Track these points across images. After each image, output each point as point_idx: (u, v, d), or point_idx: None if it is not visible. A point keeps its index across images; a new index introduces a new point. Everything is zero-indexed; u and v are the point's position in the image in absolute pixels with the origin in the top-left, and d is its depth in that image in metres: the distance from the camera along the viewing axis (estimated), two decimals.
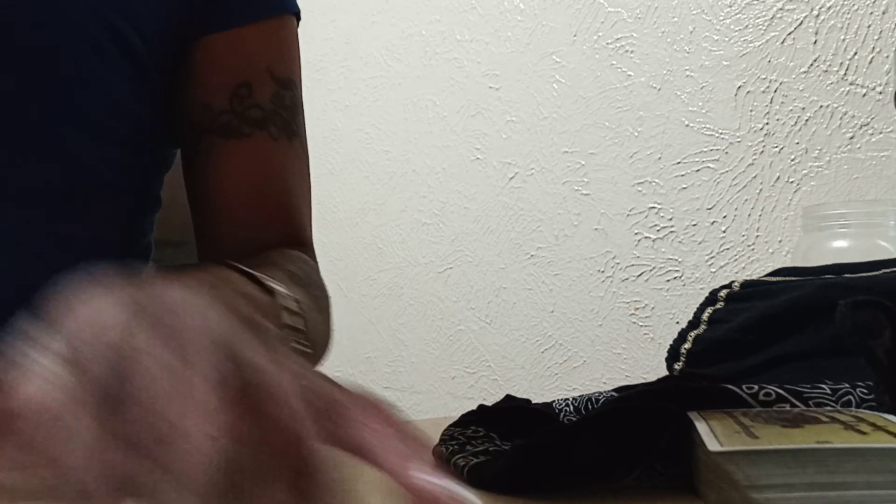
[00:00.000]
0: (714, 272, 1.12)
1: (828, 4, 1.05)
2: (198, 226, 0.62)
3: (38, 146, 0.52)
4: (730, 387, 0.43)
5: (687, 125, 1.15)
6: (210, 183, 0.60)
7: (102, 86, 0.53)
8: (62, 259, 0.49)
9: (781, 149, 1.08)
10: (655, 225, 1.17)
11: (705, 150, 1.13)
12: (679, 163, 1.15)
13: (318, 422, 0.22)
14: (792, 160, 1.07)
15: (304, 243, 0.62)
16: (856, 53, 1.03)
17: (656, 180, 1.17)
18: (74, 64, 0.52)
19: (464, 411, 0.57)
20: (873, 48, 1.02)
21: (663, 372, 0.63)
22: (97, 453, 0.19)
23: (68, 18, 0.51)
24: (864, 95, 1.02)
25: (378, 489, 0.22)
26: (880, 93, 1.01)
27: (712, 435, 0.35)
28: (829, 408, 0.42)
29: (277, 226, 0.60)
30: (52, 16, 0.51)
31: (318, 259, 0.64)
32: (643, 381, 0.61)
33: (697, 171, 1.14)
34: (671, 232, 1.16)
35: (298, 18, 0.65)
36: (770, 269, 0.66)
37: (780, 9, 1.08)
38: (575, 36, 1.26)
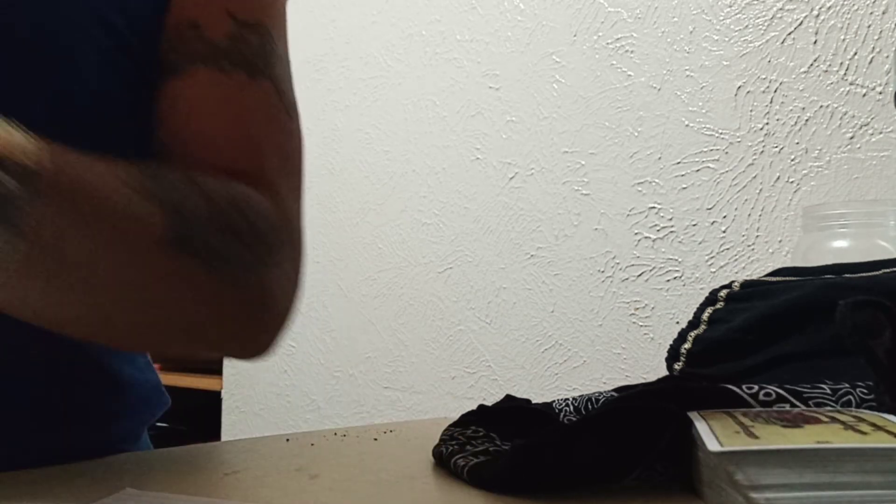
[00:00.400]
0: (714, 272, 1.12)
1: (828, 4, 1.05)
2: None
3: None
4: (730, 387, 0.43)
5: (687, 125, 1.15)
6: (155, 128, 0.54)
7: (103, 86, 0.53)
8: None
9: (781, 149, 1.08)
10: (655, 225, 1.17)
11: (705, 150, 1.13)
12: (679, 163, 1.15)
13: None
14: (792, 160, 1.07)
15: (264, 184, 0.53)
16: (856, 53, 1.03)
17: (656, 180, 1.17)
18: (74, 64, 0.52)
19: (464, 411, 0.57)
20: (873, 48, 1.02)
21: (663, 372, 0.64)
22: None
23: (68, 19, 0.51)
24: (864, 95, 1.02)
25: None
26: (880, 93, 1.01)
27: (712, 435, 0.35)
28: (829, 408, 0.42)
29: (225, 163, 0.52)
30: (52, 16, 0.51)
31: (318, 259, 0.63)
32: (643, 381, 0.61)
33: (697, 171, 1.14)
34: (671, 232, 1.16)
35: None
36: (770, 269, 0.66)
37: (780, 9, 1.08)
38: (575, 36, 1.26)
